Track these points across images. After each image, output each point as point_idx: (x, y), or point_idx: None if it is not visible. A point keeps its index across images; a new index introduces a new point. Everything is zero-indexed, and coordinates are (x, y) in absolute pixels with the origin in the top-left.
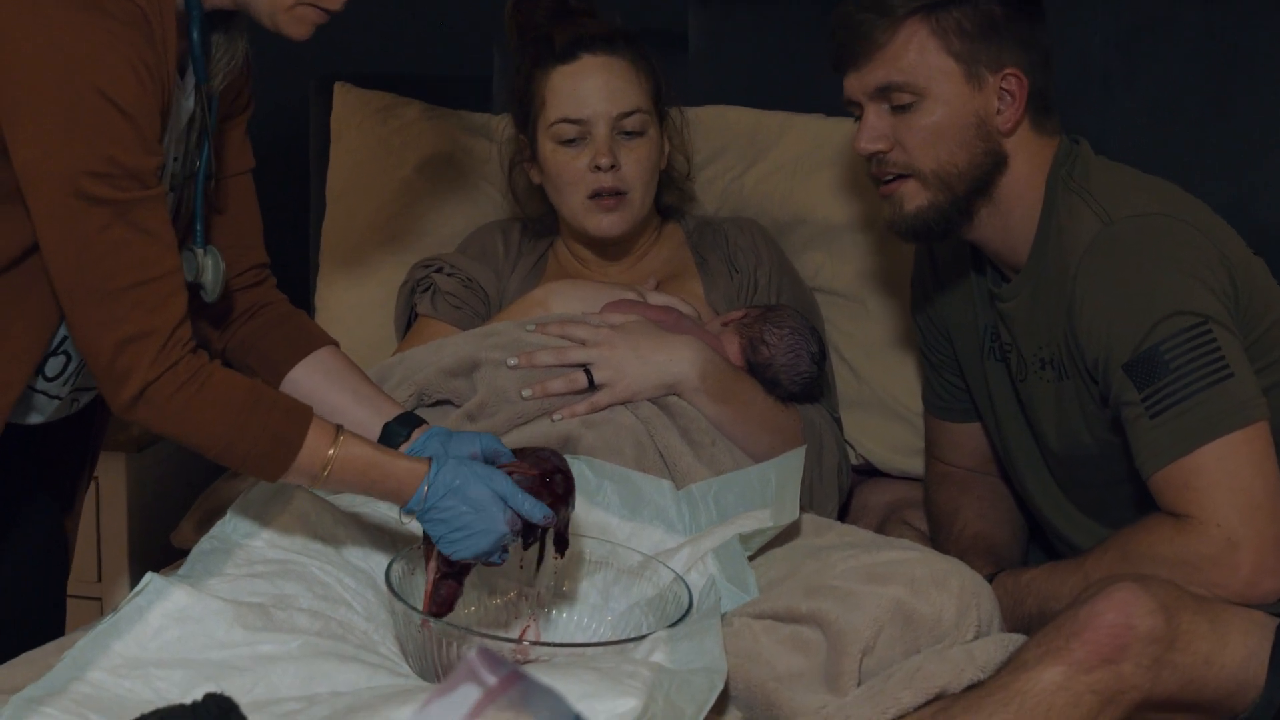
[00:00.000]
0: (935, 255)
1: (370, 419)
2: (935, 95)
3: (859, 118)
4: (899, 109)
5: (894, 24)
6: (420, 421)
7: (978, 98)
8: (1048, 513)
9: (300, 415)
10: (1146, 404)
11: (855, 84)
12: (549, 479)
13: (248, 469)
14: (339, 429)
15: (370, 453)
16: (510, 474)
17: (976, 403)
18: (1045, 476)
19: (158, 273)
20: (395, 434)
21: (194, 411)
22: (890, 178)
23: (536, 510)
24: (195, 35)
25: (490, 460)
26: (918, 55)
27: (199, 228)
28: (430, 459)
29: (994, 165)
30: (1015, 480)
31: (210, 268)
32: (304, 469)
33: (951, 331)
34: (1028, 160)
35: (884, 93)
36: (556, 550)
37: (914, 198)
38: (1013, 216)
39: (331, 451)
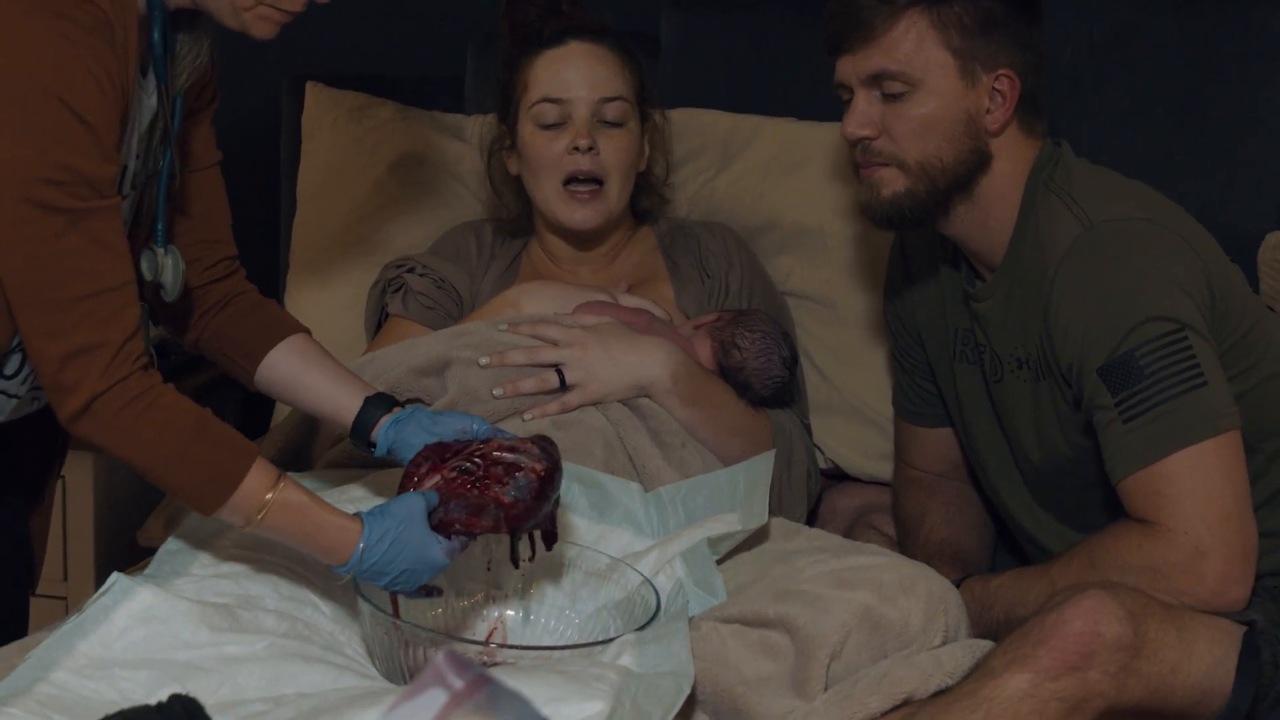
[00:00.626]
0: (908, 256)
1: (348, 396)
2: (929, 88)
3: (847, 101)
4: (890, 97)
5: (895, 12)
6: (396, 403)
7: (970, 95)
8: (1019, 517)
9: (244, 453)
10: (1120, 408)
11: (848, 68)
12: (546, 485)
13: (183, 497)
14: (281, 474)
15: (306, 502)
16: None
17: (947, 406)
18: (1017, 480)
19: (110, 284)
20: (374, 410)
21: (139, 430)
22: (872, 164)
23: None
24: (156, 36)
25: (487, 436)
26: (915, 46)
27: (160, 227)
28: (360, 519)
29: (978, 163)
30: (986, 484)
31: (170, 267)
32: (240, 507)
33: (923, 333)
34: (1011, 160)
35: (877, 80)
36: (545, 544)
37: (891, 184)
38: (991, 215)
39: (269, 495)
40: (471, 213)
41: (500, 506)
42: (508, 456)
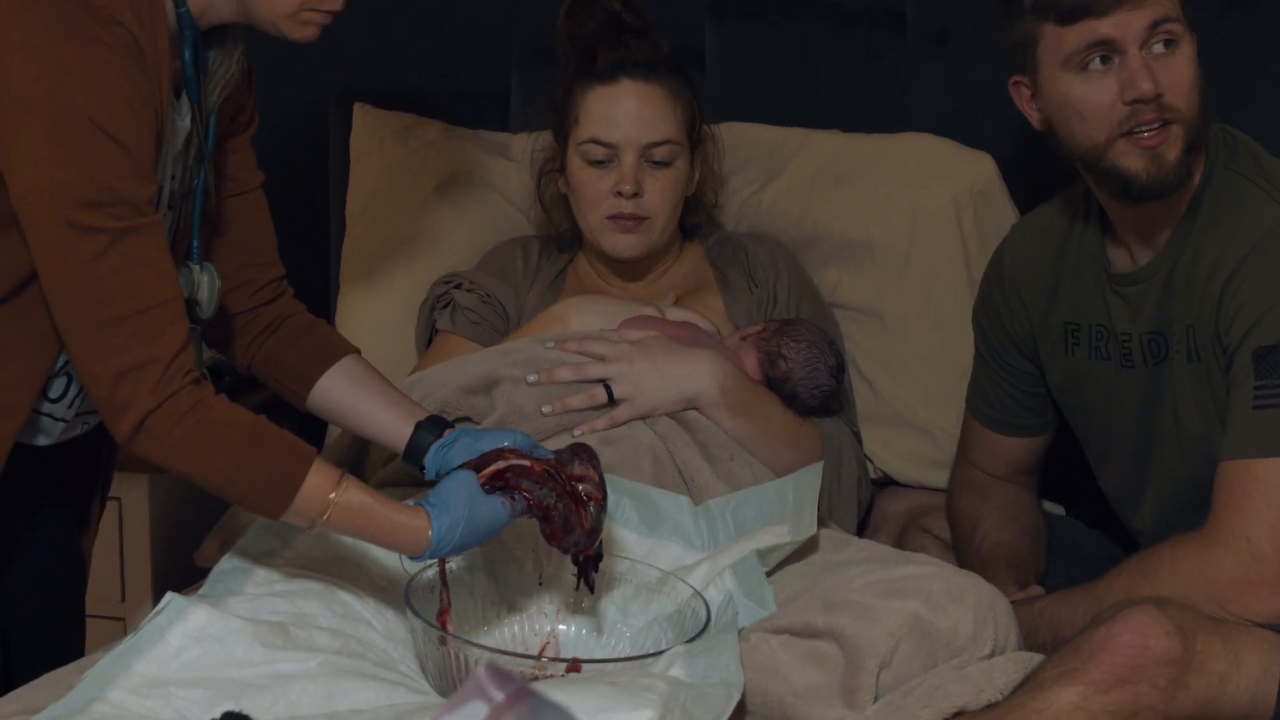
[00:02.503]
0: (1010, 263)
1: (400, 421)
2: (1187, 38)
3: (1092, 68)
4: (1166, 45)
5: None
6: (447, 424)
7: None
8: (1133, 520)
9: (302, 456)
10: (1256, 392)
11: (1122, 24)
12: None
13: (247, 505)
14: (342, 474)
15: (370, 502)
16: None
17: (1060, 404)
18: (1144, 471)
19: (155, 301)
20: (426, 434)
21: (194, 445)
22: (1157, 124)
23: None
24: (187, 55)
25: (525, 454)
26: (1171, 1)
27: (195, 244)
28: (424, 508)
29: (1206, 121)
30: (1103, 479)
31: (205, 284)
32: (303, 511)
33: (1035, 337)
34: None
35: (1154, 29)
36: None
37: (1175, 145)
38: (1181, 189)
39: (333, 495)
40: (518, 229)
41: (584, 533)
42: (581, 488)
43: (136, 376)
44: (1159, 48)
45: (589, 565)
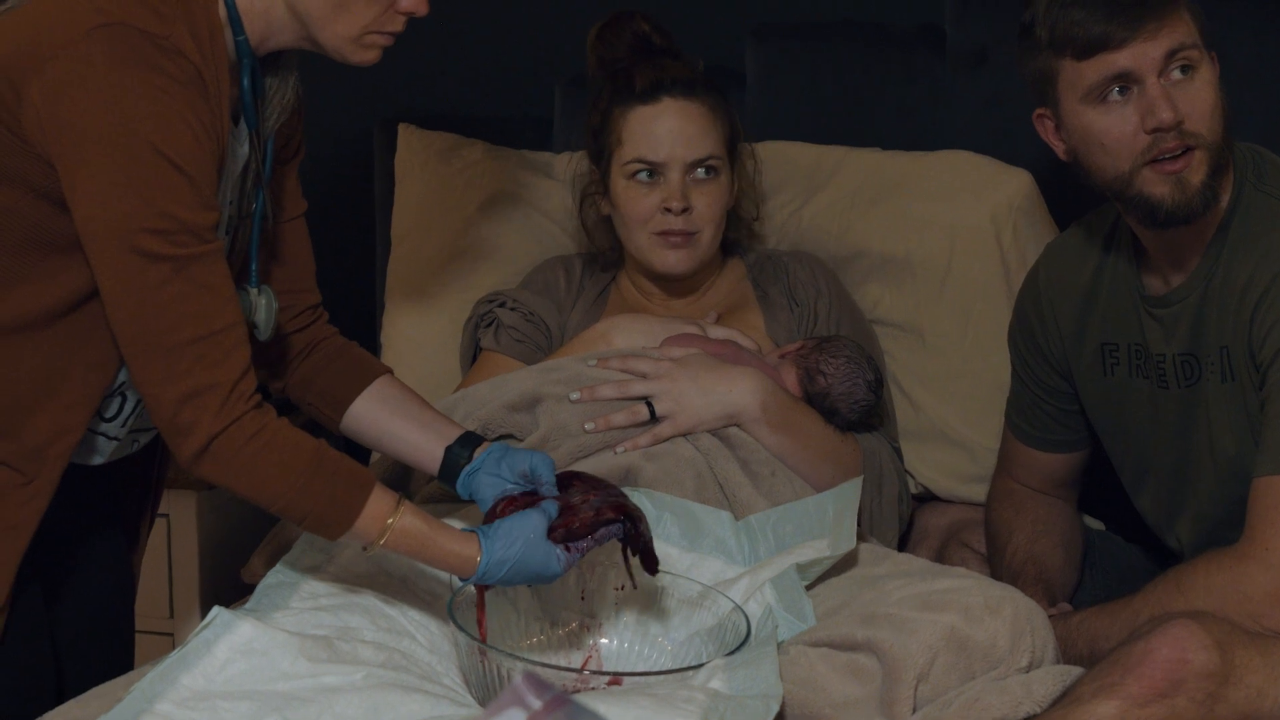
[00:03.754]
0: (1046, 283)
1: (431, 443)
2: (1205, 63)
3: (1112, 100)
4: (1184, 71)
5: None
6: (480, 440)
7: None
8: (1167, 537)
9: (362, 481)
10: None
11: (1138, 54)
12: (611, 511)
13: (307, 527)
14: (400, 499)
15: (424, 530)
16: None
17: (1095, 424)
18: (1177, 493)
19: (219, 326)
20: (457, 455)
21: (259, 468)
22: (1179, 151)
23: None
24: (246, 84)
25: (533, 481)
26: (1187, 25)
27: (253, 268)
28: (478, 537)
29: (1229, 143)
30: (1137, 498)
31: (263, 307)
32: (361, 535)
33: (1068, 358)
34: None
35: (1170, 59)
36: (646, 568)
37: (1199, 169)
38: (1208, 212)
39: (390, 520)
40: (561, 248)
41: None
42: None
43: (201, 400)
44: (1177, 74)
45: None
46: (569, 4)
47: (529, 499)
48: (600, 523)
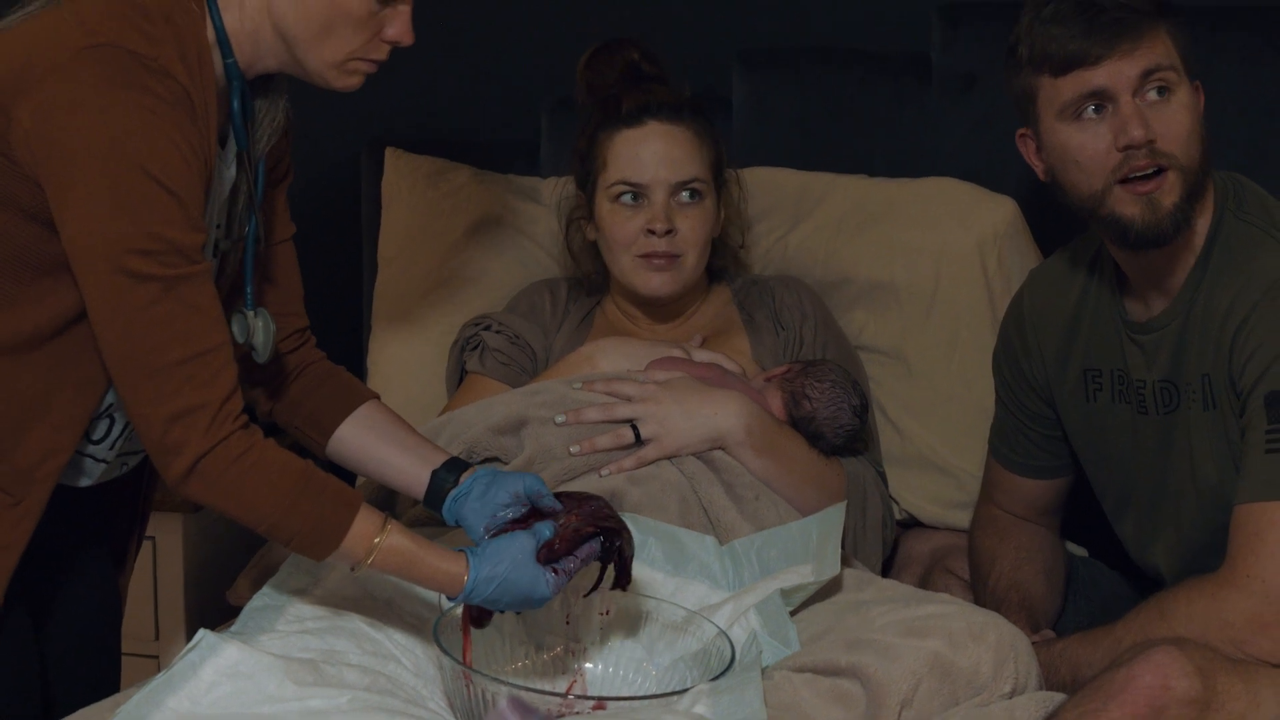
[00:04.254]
0: (1029, 309)
1: (417, 467)
2: (1184, 86)
3: (1086, 117)
4: (1161, 92)
5: (1149, 19)
6: (466, 465)
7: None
8: (1152, 561)
9: (349, 502)
10: (1269, 436)
11: (1113, 73)
12: (590, 526)
13: (294, 547)
14: (386, 519)
15: (412, 549)
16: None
17: (1076, 450)
18: (1158, 519)
19: (206, 346)
20: (443, 480)
21: (246, 488)
22: (1151, 171)
23: (547, 529)
24: (236, 105)
25: (532, 501)
26: (1168, 43)
27: (249, 290)
28: (466, 555)
29: (1208, 169)
30: (1118, 524)
31: (261, 329)
32: (348, 554)
33: (1050, 383)
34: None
35: (1145, 79)
36: (618, 583)
37: (1172, 192)
38: (1179, 238)
39: (377, 540)
40: (547, 272)
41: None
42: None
43: (189, 421)
44: (1153, 95)
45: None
46: (556, 29)
47: (526, 523)
48: (581, 539)
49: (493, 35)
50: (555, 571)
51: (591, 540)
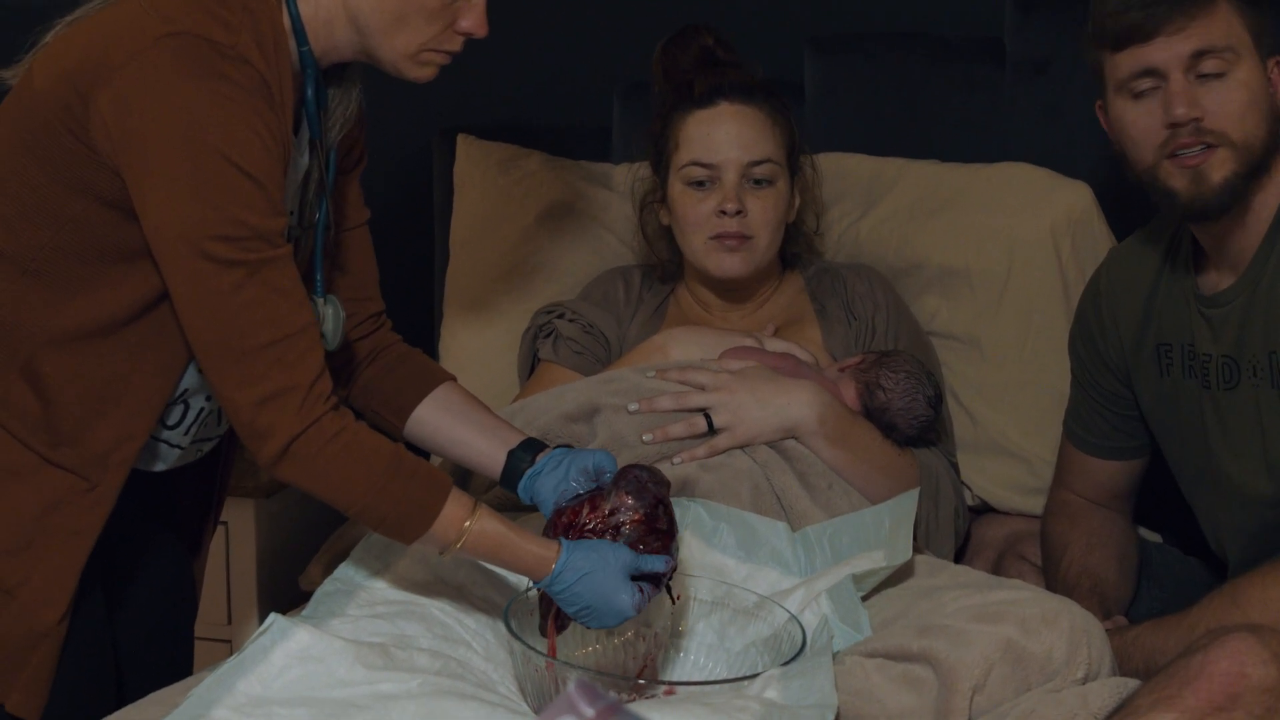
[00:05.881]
0: (1108, 282)
1: (494, 448)
2: (1245, 63)
3: (1146, 91)
4: (1208, 76)
5: None
6: (542, 446)
7: (1265, 73)
8: (1225, 541)
9: (440, 485)
10: None
11: (1162, 51)
12: (654, 520)
13: (384, 530)
14: (476, 503)
15: (503, 531)
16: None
17: (1152, 428)
18: (1233, 500)
19: (293, 329)
20: (519, 459)
21: (338, 470)
22: (1199, 147)
23: (660, 563)
24: (310, 93)
25: (598, 475)
26: (1227, 24)
27: (319, 278)
28: (561, 542)
29: (1275, 145)
30: (1194, 503)
31: (330, 316)
32: (438, 538)
33: (1126, 359)
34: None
35: (1197, 59)
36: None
37: (1222, 167)
38: (1251, 209)
39: (467, 524)
40: (619, 259)
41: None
42: (617, 517)
43: (279, 403)
44: (1210, 71)
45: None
46: (627, 14)
47: (594, 497)
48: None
49: (564, 21)
50: (641, 590)
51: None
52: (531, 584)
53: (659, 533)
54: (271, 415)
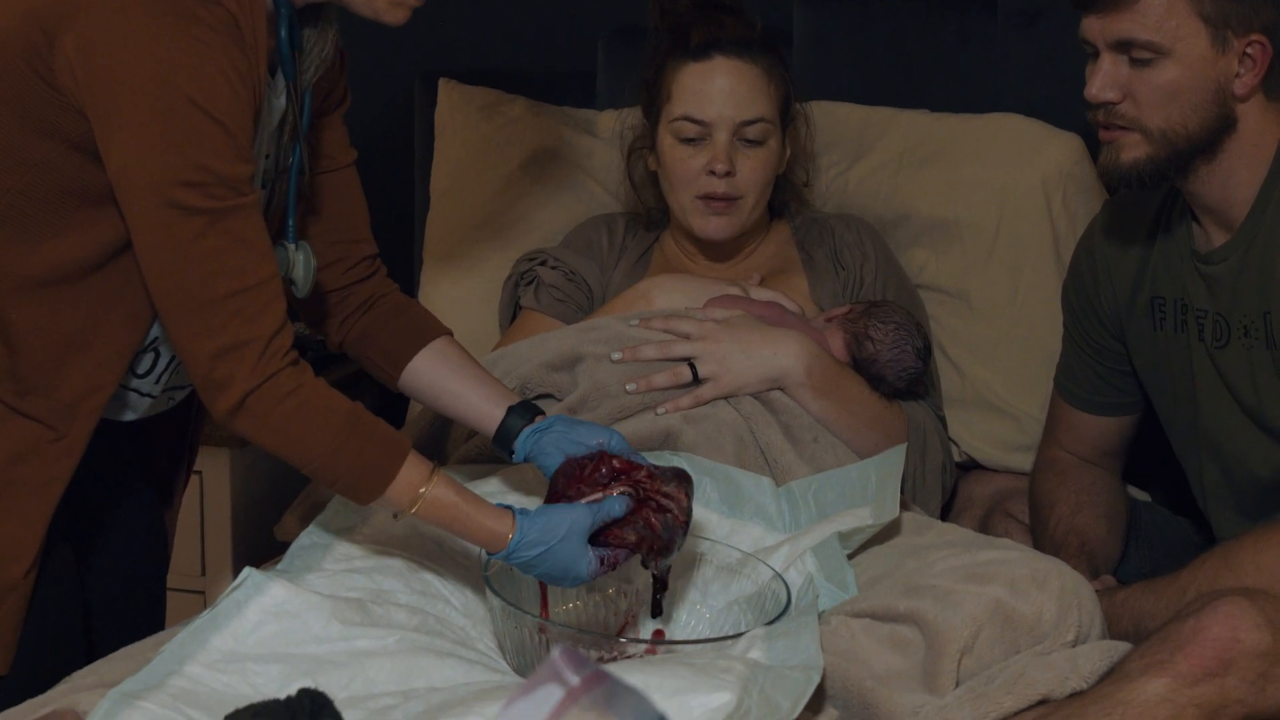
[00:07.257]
0: (1105, 233)
1: (490, 404)
2: (1177, 56)
3: (1092, 56)
4: (1137, 63)
5: None
6: (538, 411)
7: (1219, 62)
8: (1210, 498)
9: (397, 447)
10: None
11: (1095, 29)
12: (682, 533)
13: (339, 489)
14: (434, 468)
15: (457, 502)
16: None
17: (1143, 382)
18: (1220, 457)
19: (254, 281)
20: (518, 418)
21: (293, 426)
22: (1114, 128)
23: (618, 507)
24: (284, 34)
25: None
26: (1165, 12)
27: (290, 223)
28: (513, 513)
29: (1221, 128)
30: (1183, 458)
31: (301, 263)
32: (392, 500)
33: (1119, 311)
34: (1258, 123)
35: (1124, 46)
36: (656, 592)
37: (1132, 150)
38: (1233, 177)
39: (423, 490)
40: (602, 207)
41: (649, 530)
42: (664, 500)
43: (236, 355)
44: (1138, 56)
45: (656, 574)
46: None
47: (599, 461)
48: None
49: None
50: (601, 562)
51: (632, 528)
52: (486, 555)
53: (674, 547)
54: (228, 367)
